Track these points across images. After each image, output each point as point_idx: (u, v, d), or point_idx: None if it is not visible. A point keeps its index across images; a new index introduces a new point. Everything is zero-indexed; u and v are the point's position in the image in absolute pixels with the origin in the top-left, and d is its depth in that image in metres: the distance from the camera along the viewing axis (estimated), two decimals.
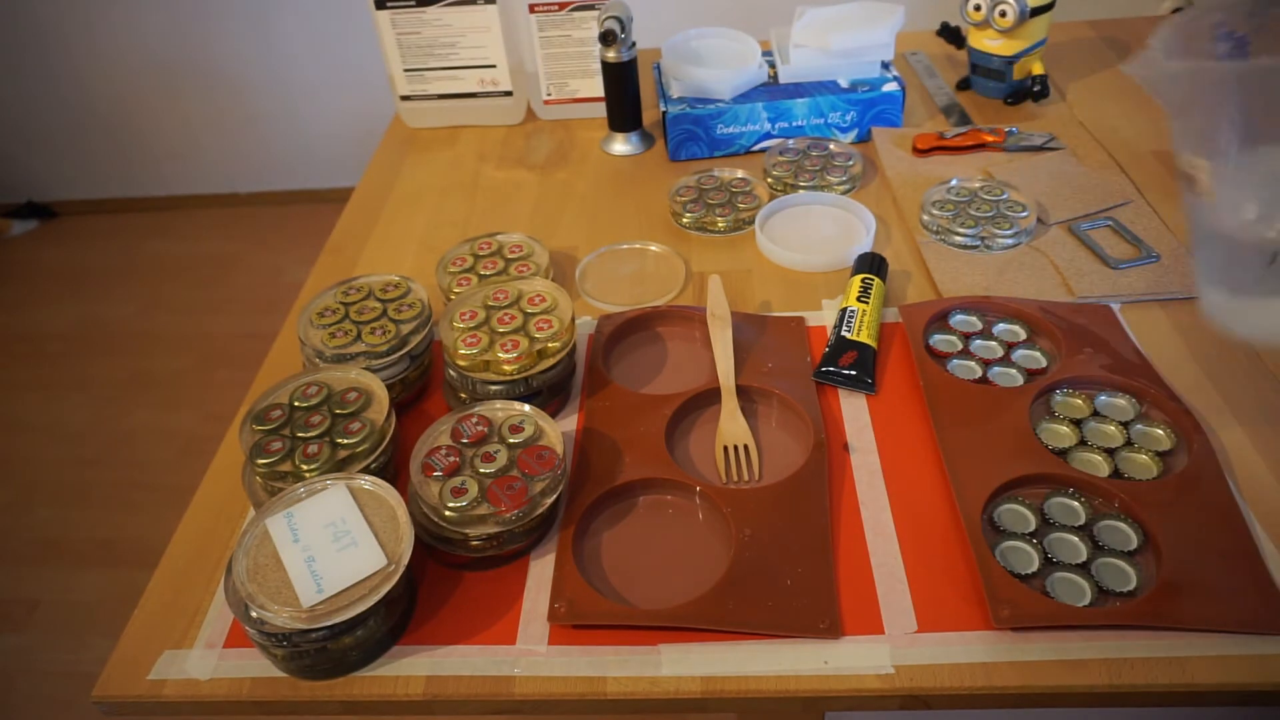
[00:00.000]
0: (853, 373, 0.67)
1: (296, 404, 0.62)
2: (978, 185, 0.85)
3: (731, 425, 0.65)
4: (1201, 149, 0.54)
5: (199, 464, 0.82)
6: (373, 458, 0.60)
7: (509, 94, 1.06)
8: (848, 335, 0.69)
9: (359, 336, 0.68)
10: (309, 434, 0.60)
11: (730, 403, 0.66)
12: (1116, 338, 0.69)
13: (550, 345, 0.65)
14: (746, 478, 0.62)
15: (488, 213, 0.94)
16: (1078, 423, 0.63)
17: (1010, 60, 0.99)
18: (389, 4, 1.00)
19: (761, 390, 0.67)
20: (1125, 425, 0.62)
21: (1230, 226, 0.55)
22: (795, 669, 0.51)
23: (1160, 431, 0.62)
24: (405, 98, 1.07)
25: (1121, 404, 0.64)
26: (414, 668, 0.53)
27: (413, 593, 0.56)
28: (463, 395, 0.66)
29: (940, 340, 0.71)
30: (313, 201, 2.56)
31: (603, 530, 0.60)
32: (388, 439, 0.61)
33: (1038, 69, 1.00)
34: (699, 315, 0.74)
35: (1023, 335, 0.70)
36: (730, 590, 0.54)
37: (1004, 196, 0.83)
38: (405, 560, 0.52)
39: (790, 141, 0.95)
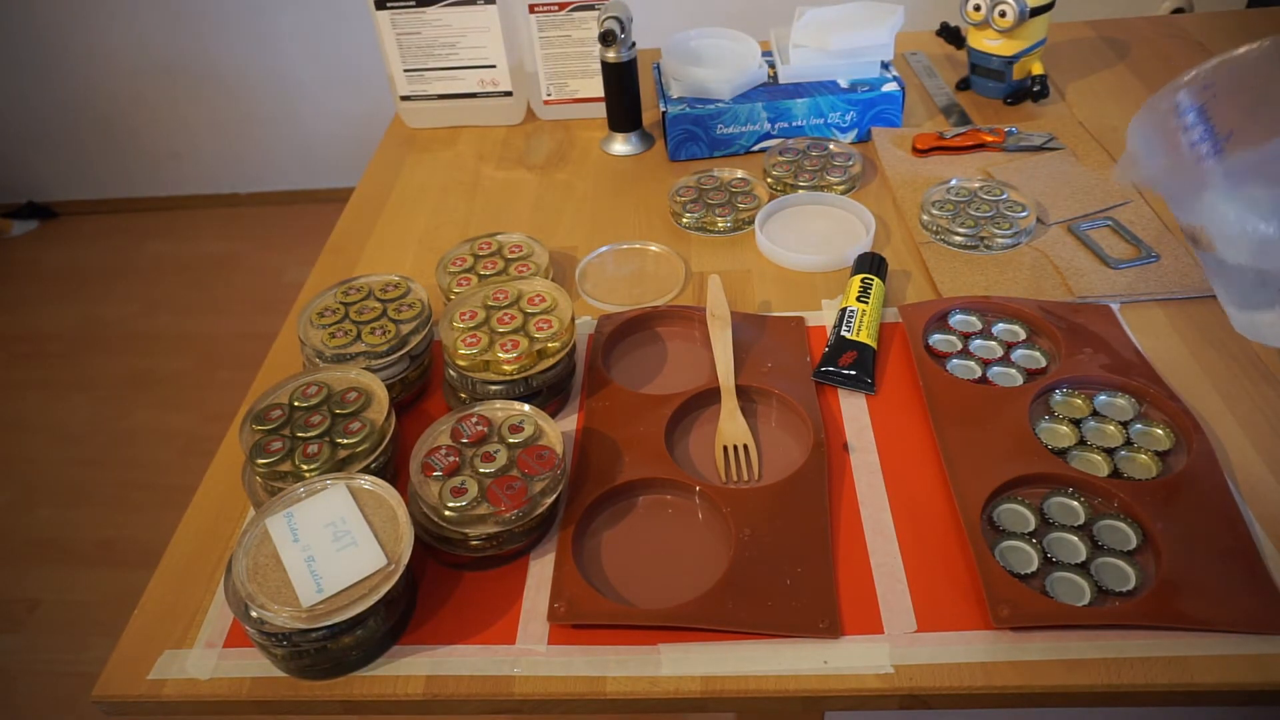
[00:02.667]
0: (852, 373, 0.67)
1: (296, 404, 0.62)
2: (977, 185, 0.85)
3: (731, 425, 0.65)
4: (1196, 218, 0.63)
5: (199, 464, 0.82)
6: (373, 458, 0.60)
7: (509, 94, 1.06)
8: (847, 335, 0.69)
9: (359, 336, 0.68)
10: (309, 434, 0.60)
11: (730, 403, 0.66)
12: (1116, 338, 0.69)
13: (550, 345, 0.65)
14: (746, 478, 0.62)
15: (488, 213, 0.94)
16: (1077, 422, 0.63)
17: (1010, 60, 0.99)
18: (389, 4, 1.00)
19: (761, 390, 0.67)
20: (1125, 425, 0.62)
21: (1233, 264, 0.62)
22: (795, 669, 0.51)
23: (1160, 431, 0.62)
24: (405, 98, 1.07)
25: (1121, 404, 0.64)
26: (414, 667, 0.53)
27: (413, 593, 0.56)
28: (463, 395, 0.66)
29: (940, 340, 0.71)
30: (313, 201, 2.56)
31: (603, 530, 0.60)
32: (388, 439, 0.61)
33: (1037, 69, 1.00)
34: (699, 315, 0.74)
35: (1022, 335, 0.70)
36: (730, 590, 0.54)
37: (1003, 196, 0.83)
38: (405, 560, 0.52)
39: (790, 141, 0.95)
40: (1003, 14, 0.95)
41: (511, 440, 0.60)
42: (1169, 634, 0.50)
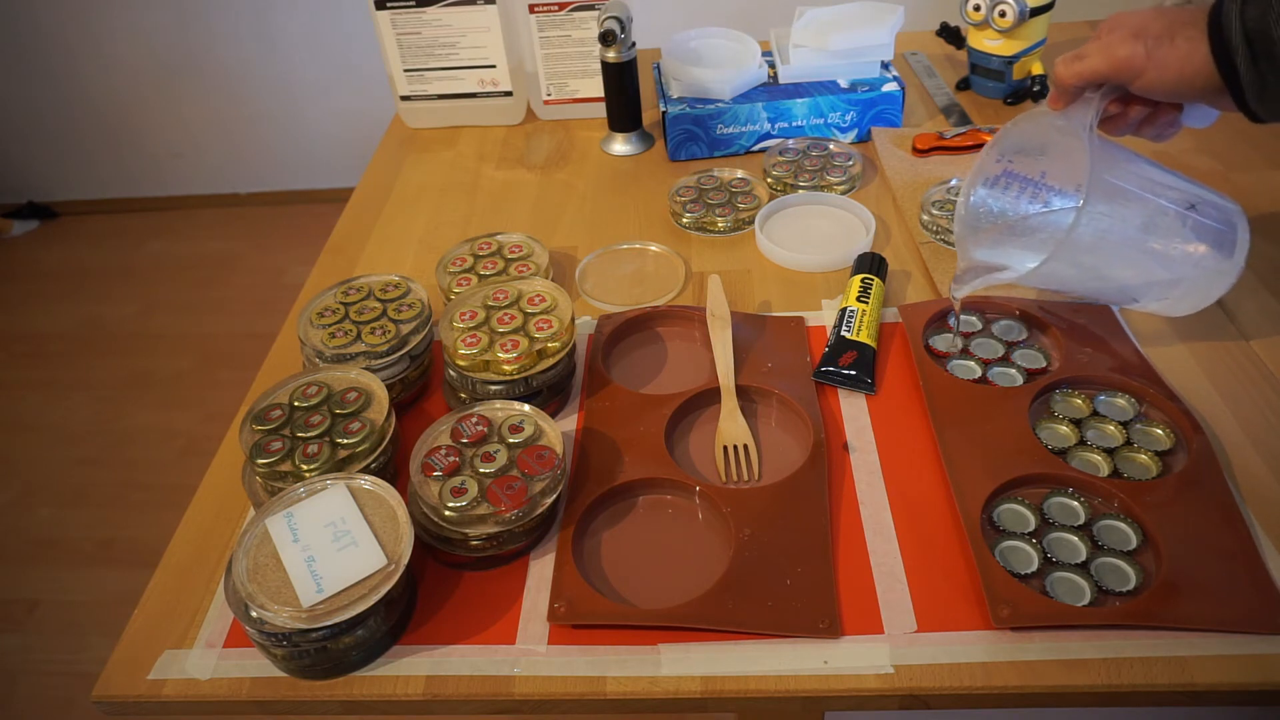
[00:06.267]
0: (852, 373, 0.67)
1: (296, 404, 0.62)
2: None
3: (731, 425, 0.65)
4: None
5: (199, 464, 0.82)
6: (373, 458, 0.60)
7: (509, 94, 1.06)
8: (847, 335, 0.69)
9: (359, 336, 0.68)
10: (309, 434, 0.60)
11: (730, 402, 0.66)
12: (1116, 338, 0.69)
13: (550, 345, 0.65)
14: (746, 477, 0.62)
15: (488, 213, 0.94)
16: (1077, 422, 0.63)
17: (1010, 60, 0.99)
18: (389, 4, 1.00)
19: (761, 390, 0.67)
20: (1125, 425, 0.62)
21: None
22: (795, 669, 0.51)
23: (1160, 431, 0.62)
24: (405, 98, 1.07)
25: (1121, 404, 0.64)
26: (414, 667, 0.53)
27: (413, 593, 0.56)
28: (463, 395, 0.66)
29: (940, 340, 0.71)
30: (313, 201, 2.56)
31: (602, 530, 0.60)
32: (388, 439, 0.61)
33: (1037, 69, 1.00)
34: (699, 315, 0.74)
35: (1023, 335, 0.70)
36: (730, 590, 0.54)
37: None
38: (405, 560, 0.52)
39: (790, 141, 0.95)
40: (1003, 14, 0.95)
41: (511, 440, 0.60)
42: (1169, 634, 0.50)
